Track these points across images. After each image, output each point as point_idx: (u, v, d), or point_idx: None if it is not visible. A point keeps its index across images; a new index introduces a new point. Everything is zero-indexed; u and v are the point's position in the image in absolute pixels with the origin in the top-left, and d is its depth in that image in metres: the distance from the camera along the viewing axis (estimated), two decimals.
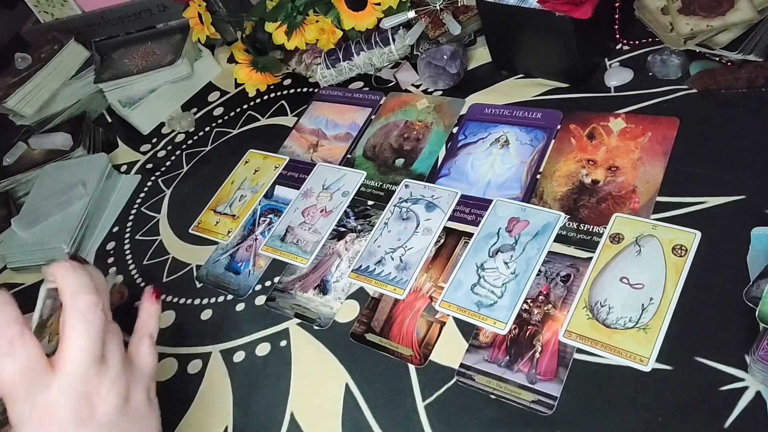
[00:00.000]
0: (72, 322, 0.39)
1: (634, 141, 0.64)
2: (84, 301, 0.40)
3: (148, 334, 0.46)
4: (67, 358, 0.39)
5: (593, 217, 0.60)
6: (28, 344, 0.38)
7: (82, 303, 0.40)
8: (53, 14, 1.17)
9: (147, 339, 0.46)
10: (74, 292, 0.40)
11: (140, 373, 0.44)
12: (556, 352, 0.53)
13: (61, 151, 0.98)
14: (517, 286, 0.58)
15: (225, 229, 0.78)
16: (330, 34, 0.85)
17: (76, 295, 0.40)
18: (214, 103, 1.00)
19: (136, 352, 0.45)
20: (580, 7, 0.62)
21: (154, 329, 0.47)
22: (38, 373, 0.38)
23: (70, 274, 0.40)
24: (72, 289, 0.40)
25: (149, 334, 0.46)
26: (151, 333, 0.46)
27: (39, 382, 0.38)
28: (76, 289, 0.40)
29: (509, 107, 0.74)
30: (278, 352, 0.64)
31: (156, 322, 0.47)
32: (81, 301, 0.40)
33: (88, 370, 0.39)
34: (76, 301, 0.40)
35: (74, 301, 0.40)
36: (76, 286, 0.40)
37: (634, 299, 0.53)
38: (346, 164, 0.78)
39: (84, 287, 0.40)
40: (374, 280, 0.64)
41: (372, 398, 0.57)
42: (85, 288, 0.40)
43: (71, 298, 0.40)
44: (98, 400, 0.40)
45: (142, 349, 0.45)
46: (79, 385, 0.39)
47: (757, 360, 0.45)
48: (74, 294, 0.40)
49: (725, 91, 0.64)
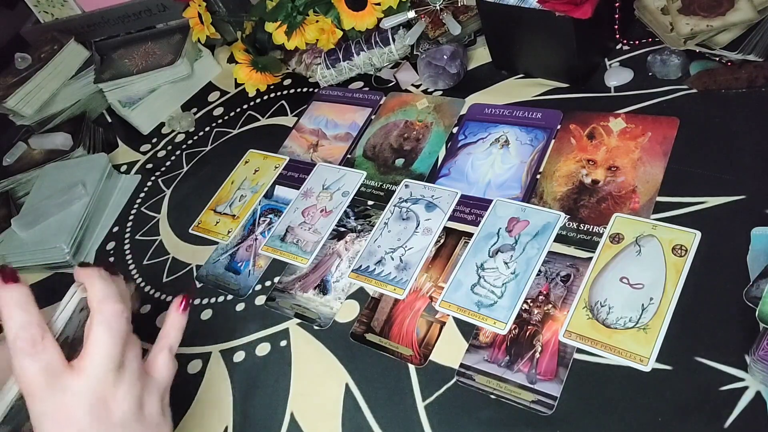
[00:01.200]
0: (97, 328, 0.41)
1: (634, 141, 0.64)
2: (110, 309, 0.42)
3: (168, 347, 0.47)
4: (89, 361, 0.41)
5: (593, 217, 0.60)
6: (49, 346, 0.40)
7: (109, 311, 0.42)
8: (53, 14, 1.17)
9: (166, 351, 0.47)
10: (101, 299, 0.42)
11: (155, 383, 0.45)
12: (556, 352, 0.53)
13: (61, 151, 0.98)
14: (517, 286, 0.58)
15: (225, 229, 0.78)
16: (330, 34, 0.85)
17: (103, 303, 0.42)
18: (214, 103, 1.00)
19: (154, 362, 0.46)
20: (580, 7, 0.62)
21: (175, 341, 0.48)
22: (58, 373, 0.40)
23: (101, 282, 0.42)
24: (100, 296, 0.42)
25: (169, 347, 0.47)
26: (172, 345, 0.47)
27: (59, 382, 0.40)
28: (103, 296, 0.42)
29: (509, 107, 0.74)
30: (278, 352, 0.64)
31: (178, 334, 0.48)
32: (107, 309, 0.42)
33: (107, 375, 0.41)
34: (103, 308, 0.42)
35: (101, 307, 0.42)
36: (104, 293, 0.42)
37: (634, 299, 0.53)
38: (346, 164, 0.78)
39: (112, 295, 0.42)
40: (374, 280, 0.64)
41: (372, 398, 0.57)
42: (112, 296, 0.42)
43: (99, 304, 0.42)
44: (114, 405, 0.41)
45: (160, 360, 0.46)
46: (97, 388, 0.41)
47: (757, 360, 0.45)
48: (101, 301, 0.42)
49: (725, 91, 0.64)
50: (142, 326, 0.48)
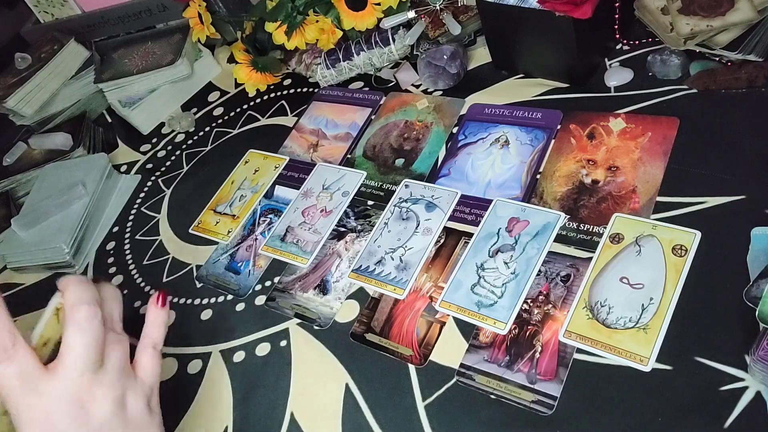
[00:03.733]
0: (70, 331, 0.42)
1: (634, 141, 0.64)
2: (82, 311, 0.42)
3: (152, 345, 0.47)
4: (63, 363, 0.41)
5: (593, 217, 0.60)
6: (21, 350, 0.40)
7: (80, 314, 0.42)
8: (53, 14, 1.17)
9: (149, 349, 0.47)
10: (74, 303, 0.42)
11: (140, 382, 0.45)
12: (556, 352, 0.53)
13: (61, 151, 0.98)
14: (517, 286, 0.58)
15: (225, 229, 0.78)
16: (330, 34, 0.85)
17: (76, 306, 0.42)
18: (214, 103, 1.00)
19: (139, 361, 0.46)
20: (580, 7, 0.62)
21: (158, 338, 0.47)
22: (33, 377, 0.40)
23: (75, 286, 0.43)
24: (72, 300, 0.43)
25: (153, 344, 0.47)
26: (155, 343, 0.47)
27: (34, 385, 0.40)
28: (76, 300, 0.43)
29: (509, 107, 0.74)
30: (278, 352, 0.64)
31: (161, 330, 0.48)
32: (79, 312, 0.42)
33: (82, 376, 0.41)
34: (75, 311, 0.42)
35: (73, 311, 0.42)
36: (77, 297, 0.43)
37: (634, 299, 0.53)
38: (346, 164, 0.78)
39: (84, 299, 0.43)
40: (374, 280, 0.64)
41: (372, 398, 0.57)
42: (85, 299, 0.43)
43: (71, 308, 0.42)
44: (92, 406, 0.41)
45: (144, 359, 0.46)
46: (72, 390, 0.41)
47: (757, 360, 0.45)
48: (74, 305, 0.42)
49: (725, 91, 0.64)
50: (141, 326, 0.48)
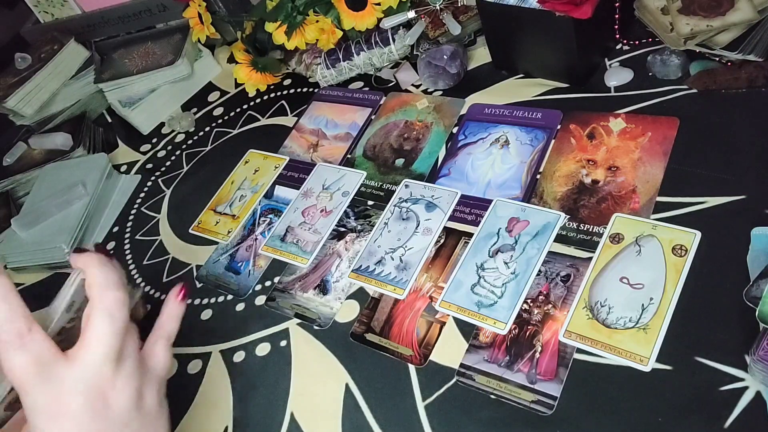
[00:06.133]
0: (97, 316, 0.39)
1: (634, 141, 0.64)
2: (112, 297, 0.40)
3: (166, 336, 0.45)
4: (87, 350, 0.39)
5: (593, 217, 0.60)
6: (37, 336, 0.38)
7: (110, 299, 0.40)
8: (53, 14, 1.17)
9: (163, 341, 0.45)
10: (103, 286, 0.40)
11: (153, 374, 0.43)
12: (556, 352, 0.53)
13: (61, 151, 0.98)
14: (517, 286, 0.58)
15: (225, 229, 0.78)
16: (330, 34, 0.85)
17: (105, 290, 0.40)
18: (214, 103, 1.00)
19: (151, 352, 0.44)
20: (580, 7, 0.62)
21: (172, 331, 0.46)
22: (50, 364, 0.38)
23: (100, 268, 0.40)
24: (101, 283, 0.40)
25: (167, 336, 0.45)
26: (169, 335, 0.46)
27: (52, 373, 0.38)
28: (104, 284, 0.40)
29: (509, 107, 0.74)
30: (278, 352, 0.64)
31: (176, 324, 0.46)
32: (109, 297, 0.40)
33: (105, 365, 0.39)
34: (104, 296, 0.40)
35: (102, 295, 0.40)
36: (105, 280, 0.40)
37: (634, 299, 0.53)
38: (346, 164, 0.78)
39: (113, 283, 0.40)
40: (374, 280, 0.64)
41: (372, 398, 0.57)
42: (114, 284, 0.40)
43: (100, 292, 0.40)
44: (112, 397, 0.39)
45: (157, 351, 0.44)
46: (94, 379, 0.39)
47: (757, 360, 0.45)
48: (103, 288, 0.40)
49: (725, 91, 0.64)
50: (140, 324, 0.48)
